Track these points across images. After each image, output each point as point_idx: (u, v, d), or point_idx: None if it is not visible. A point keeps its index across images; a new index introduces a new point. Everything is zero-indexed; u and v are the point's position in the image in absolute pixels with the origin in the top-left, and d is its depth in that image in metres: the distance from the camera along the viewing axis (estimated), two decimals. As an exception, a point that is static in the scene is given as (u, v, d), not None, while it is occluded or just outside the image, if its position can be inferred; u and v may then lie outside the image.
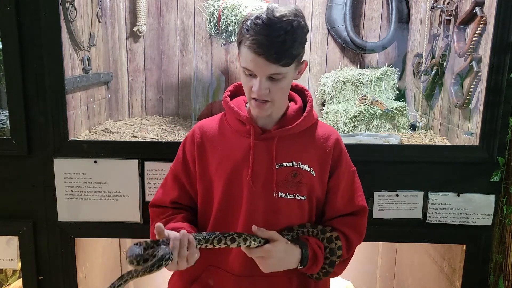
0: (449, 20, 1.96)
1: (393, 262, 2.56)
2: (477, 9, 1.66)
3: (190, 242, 1.04)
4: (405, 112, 2.19)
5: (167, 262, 0.96)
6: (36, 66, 1.54)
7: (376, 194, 1.63)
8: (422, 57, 2.19)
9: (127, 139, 1.96)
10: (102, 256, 2.20)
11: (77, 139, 1.78)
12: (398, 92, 2.40)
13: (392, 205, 1.64)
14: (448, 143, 1.91)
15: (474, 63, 1.66)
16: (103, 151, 1.61)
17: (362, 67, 2.52)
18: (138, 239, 1.04)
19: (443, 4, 2.01)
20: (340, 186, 1.23)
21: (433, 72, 2.08)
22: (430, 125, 2.19)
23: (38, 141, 1.59)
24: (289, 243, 1.14)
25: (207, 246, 1.08)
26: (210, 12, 2.16)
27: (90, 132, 2.06)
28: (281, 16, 1.04)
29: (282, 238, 1.13)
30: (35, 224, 1.65)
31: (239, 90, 1.25)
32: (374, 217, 1.64)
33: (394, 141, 1.92)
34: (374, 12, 2.49)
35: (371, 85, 2.36)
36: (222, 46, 2.45)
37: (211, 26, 2.17)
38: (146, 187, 1.63)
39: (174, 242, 1.01)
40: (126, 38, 2.48)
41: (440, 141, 1.96)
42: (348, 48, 2.49)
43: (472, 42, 1.69)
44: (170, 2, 2.46)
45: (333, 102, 2.38)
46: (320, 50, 2.52)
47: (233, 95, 1.26)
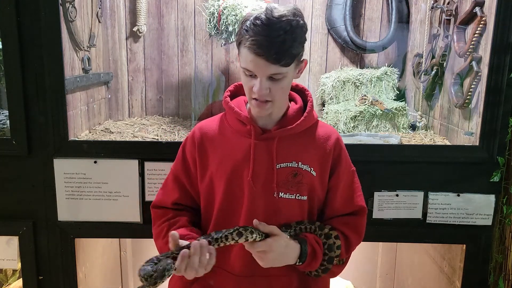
0: (449, 20, 1.96)
1: (393, 262, 2.56)
2: (477, 9, 1.66)
3: (210, 251, 1.04)
4: (405, 112, 2.19)
5: (169, 273, 0.98)
6: (36, 66, 1.54)
7: (376, 194, 1.63)
8: (422, 57, 2.19)
9: (127, 139, 1.96)
10: (102, 256, 2.19)
11: (77, 139, 1.77)
12: (398, 92, 2.40)
13: (392, 205, 1.64)
14: (448, 143, 1.91)
15: (474, 63, 1.67)
16: (103, 151, 1.61)
17: (362, 67, 2.52)
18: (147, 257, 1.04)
19: (443, 4, 2.01)
20: (339, 186, 1.23)
21: (433, 72, 2.08)
22: (430, 125, 2.19)
23: (38, 141, 1.59)
24: (289, 238, 1.14)
25: (219, 245, 1.08)
26: (210, 12, 2.16)
27: (90, 132, 2.06)
28: (280, 16, 1.03)
29: (282, 233, 1.13)
30: (35, 224, 1.65)
31: (239, 90, 1.25)
32: (374, 217, 1.64)
33: (394, 141, 1.92)
34: (374, 12, 2.48)
35: (371, 85, 2.35)
36: (222, 46, 2.45)
37: (211, 26, 2.17)
38: (146, 187, 1.63)
39: (193, 257, 1.01)
40: (126, 38, 2.47)
41: (440, 141, 1.96)
42: (348, 48, 2.49)
43: (472, 42, 1.69)
44: (170, 2, 2.46)
45: (333, 102, 2.38)
46: (320, 50, 2.52)
47: (233, 95, 1.26)
